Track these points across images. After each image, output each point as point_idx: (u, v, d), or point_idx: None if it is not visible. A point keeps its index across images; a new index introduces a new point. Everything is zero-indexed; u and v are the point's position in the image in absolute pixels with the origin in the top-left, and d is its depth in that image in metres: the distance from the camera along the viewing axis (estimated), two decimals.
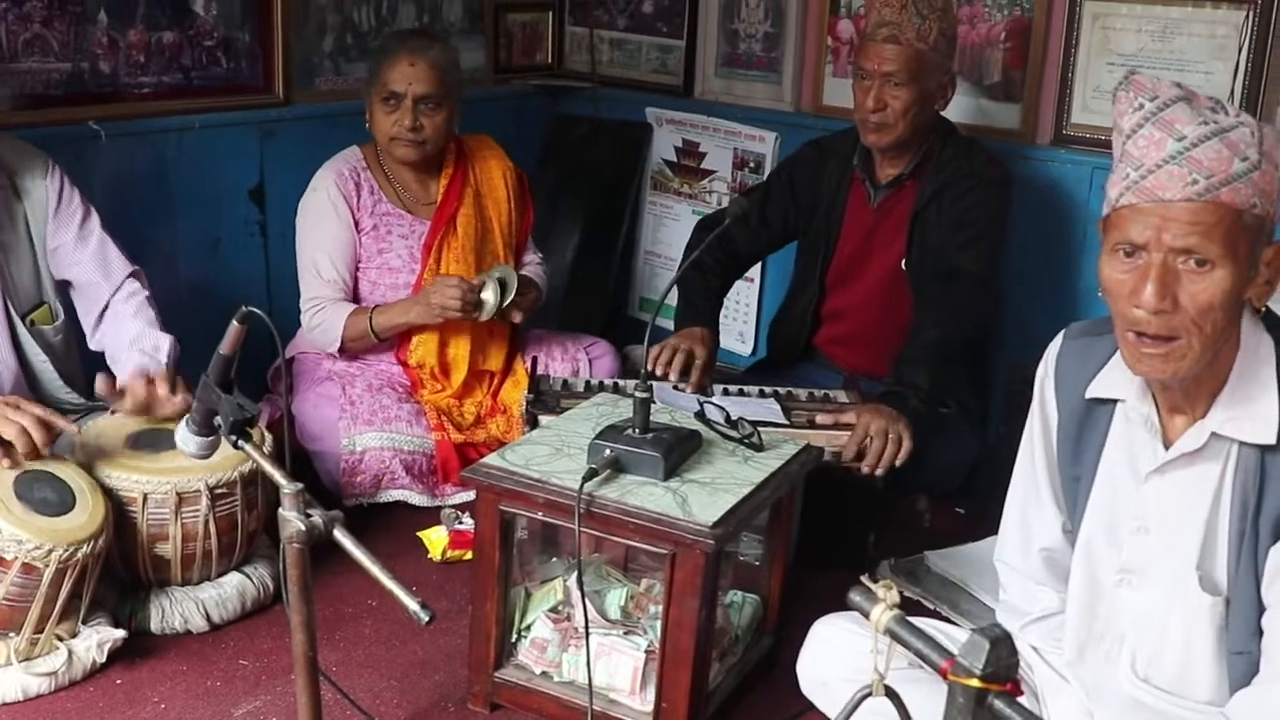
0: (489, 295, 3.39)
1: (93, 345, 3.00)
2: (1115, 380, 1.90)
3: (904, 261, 3.32)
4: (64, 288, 2.99)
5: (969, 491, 3.40)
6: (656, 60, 4.54)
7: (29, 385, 2.89)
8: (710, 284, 3.43)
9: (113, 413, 2.81)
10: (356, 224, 3.48)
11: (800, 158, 3.53)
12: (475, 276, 3.46)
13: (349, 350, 3.50)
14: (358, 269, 3.51)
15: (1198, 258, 1.68)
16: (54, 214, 2.90)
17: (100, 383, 2.73)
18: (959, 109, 3.67)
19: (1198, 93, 1.74)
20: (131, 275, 3.00)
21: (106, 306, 2.96)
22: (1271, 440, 1.74)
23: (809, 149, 3.52)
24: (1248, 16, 3.29)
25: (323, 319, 3.45)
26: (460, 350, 3.54)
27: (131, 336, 2.91)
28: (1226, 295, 1.69)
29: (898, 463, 2.87)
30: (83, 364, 3.04)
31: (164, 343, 2.90)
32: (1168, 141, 1.69)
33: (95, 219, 2.97)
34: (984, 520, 3.03)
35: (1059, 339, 2.03)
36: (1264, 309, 1.81)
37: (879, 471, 2.87)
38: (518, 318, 3.51)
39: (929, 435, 2.98)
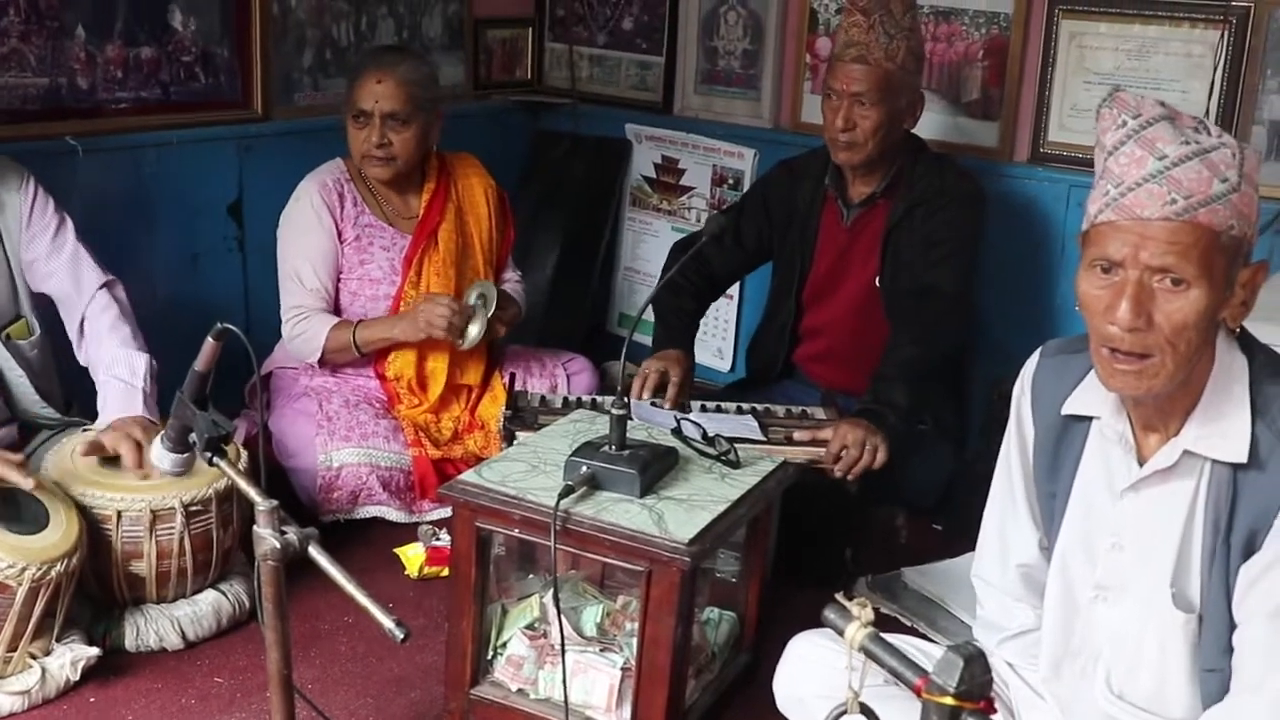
0: (474, 329, 3.41)
1: (81, 360, 2.98)
2: (1091, 398, 1.90)
3: (878, 279, 3.33)
4: (41, 301, 2.97)
5: (946, 508, 3.40)
6: (636, 77, 4.55)
7: (5, 401, 2.87)
8: (685, 306, 3.44)
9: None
10: (339, 234, 3.48)
11: (771, 178, 3.55)
12: (464, 300, 3.46)
13: (329, 362, 3.49)
14: (339, 279, 3.51)
15: (1174, 277, 1.68)
16: (27, 225, 2.88)
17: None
18: (937, 127, 3.69)
19: (1181, 112, 1.75)
20: (104, 286, 2.97)
21: (84, 319, 2.95)
22: (1243, 458, 1.75)
23: (779, 170, 3.54)
24: (1223, 35, 3.32)
25: (305, 328, 3.44)
26: (439, 364, 3.54)
27: (107, 361, 2.88)
28: (1201, 315, 1.70)
29: (875, 465, 2.87)
30: (60, 378, 3.03)
31: (140, 364, 2.88)
32: (1148, 160, 1.69)
33: (69, 229, 2.95)
34: (961, 537, 3.04)
35: (1035, 356, 2.04)
36: (1239, 328, 1.82)
37: (851, 476, 2.87)
38: (501, 331, 3.52)
39: (906, 452, 2.99)
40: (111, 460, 2.77)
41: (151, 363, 2.89)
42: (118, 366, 2.86)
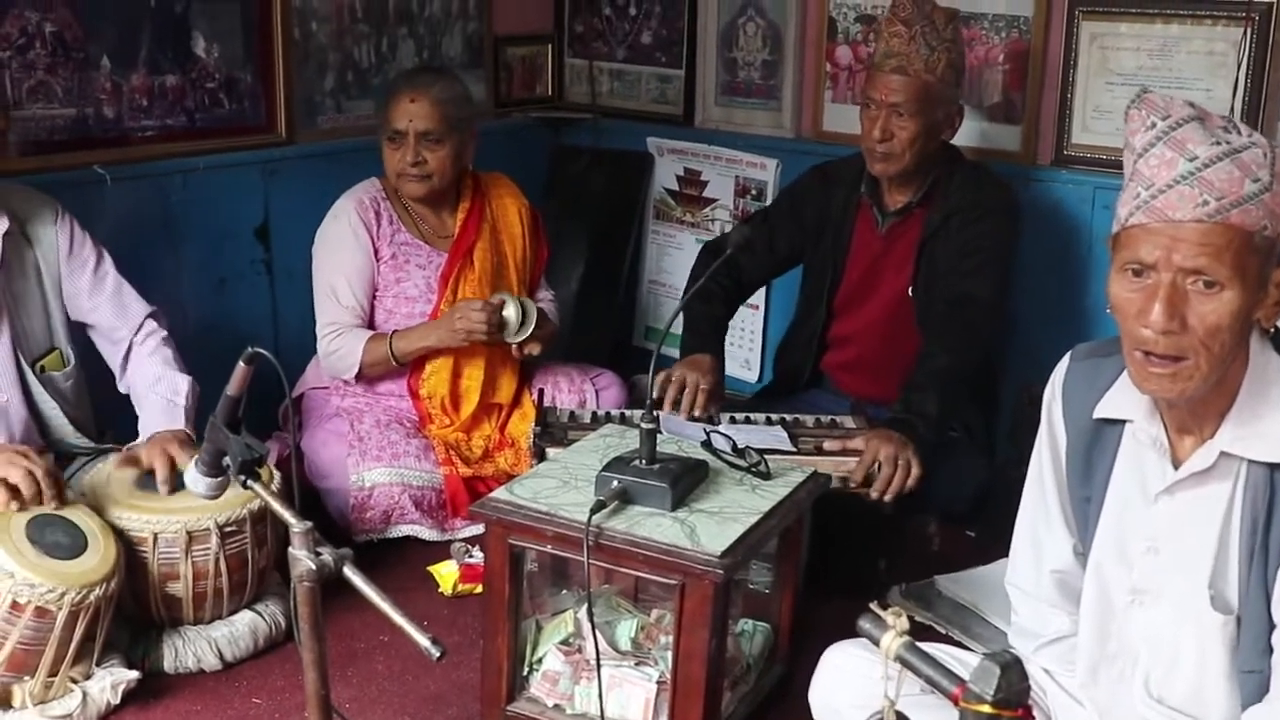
0: (510, 312, 3.42)
1: (121, 388, 3.02)
2: (1123, 401, 1.89)
3: (911, 288, 3.32)
4: (78, 331, 3.00)
5: (979, 514, 3.39)
6: (656, 90, 4.56)
7: (40, 432, 2.89)
8: (715, 311, 3.43)
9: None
10: (376, 252, 3.51)
11: (804, 183, 3.54)
12: (492, 296, 3.48)
13: (366, 376, 3.51)
14: (374, 296, 3.53)
15: (1206, 279, 1.68)
16: (66, 259, 2.92)
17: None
18: (959, 132, 3.68)
19: (1211, 112, 1.74)
20: (150, 316, 3.03)
21: (130, 349, 2.99)
22: None
23: (813, 175, 3.53)
24: (1245, 32, 3.30)
25: (341, 344, 3.46)
26: (473, 381, 3.55)
27: (150, 379, 2.92)
28: (1235, 316, 1.69)
29: (907, 488, 2.86)
30: (94, 408, 3.05)
31: (183, 384, 2.92)
32: (1179, 161, 1.68)
33: (109, 262, 2.99)
34: (994, 543, 3.02)
35: (1065, 360, 2.03)
36: (1273, 328, 1.81)
37: (888, 498, 2.86)
38: (536, 349, 3.52)
39: (937, 459, 2.98)
40: (148, 483, 2.79)
41: (194, 384, 2.93)
42: (160, 385, 2.91)
